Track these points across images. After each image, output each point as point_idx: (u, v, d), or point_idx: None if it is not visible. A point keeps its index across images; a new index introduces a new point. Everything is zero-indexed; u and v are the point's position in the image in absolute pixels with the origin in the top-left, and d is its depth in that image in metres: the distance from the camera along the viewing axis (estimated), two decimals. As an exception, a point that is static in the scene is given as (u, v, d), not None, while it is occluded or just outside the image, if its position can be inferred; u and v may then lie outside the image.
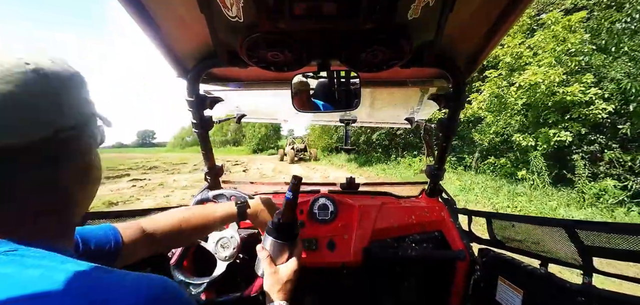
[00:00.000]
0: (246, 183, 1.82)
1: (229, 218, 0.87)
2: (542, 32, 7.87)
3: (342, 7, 0.66)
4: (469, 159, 10.12)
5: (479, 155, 9.80)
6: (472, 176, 9.02)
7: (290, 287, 0.70)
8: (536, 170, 7.33)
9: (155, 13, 0.75)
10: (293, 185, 0.76)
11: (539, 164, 7.33)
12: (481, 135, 9.59)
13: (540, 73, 7.15)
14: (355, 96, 1.14)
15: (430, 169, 1.39)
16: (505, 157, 8.77)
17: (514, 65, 8.24)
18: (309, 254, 1.21)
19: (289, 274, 0.71)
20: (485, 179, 8.41)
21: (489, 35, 0.84)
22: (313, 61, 0.91)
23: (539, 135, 7.58)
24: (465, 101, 1.05)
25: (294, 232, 0.77)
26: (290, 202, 0.75)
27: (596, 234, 0.83)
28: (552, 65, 7.18)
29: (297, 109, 1.16)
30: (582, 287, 0.84)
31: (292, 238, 0.77)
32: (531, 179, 7.31)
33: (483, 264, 1.20)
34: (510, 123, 8.52)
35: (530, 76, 7.25)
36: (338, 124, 1.67)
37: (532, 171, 7.42)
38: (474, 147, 10.09)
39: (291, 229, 0.76)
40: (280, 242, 0.74)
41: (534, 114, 7.98)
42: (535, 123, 8.00)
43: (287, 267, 0.72)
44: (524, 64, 8.03)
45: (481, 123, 9.88)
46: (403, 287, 1.45)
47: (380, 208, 1.34)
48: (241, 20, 0.71)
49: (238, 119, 1.74)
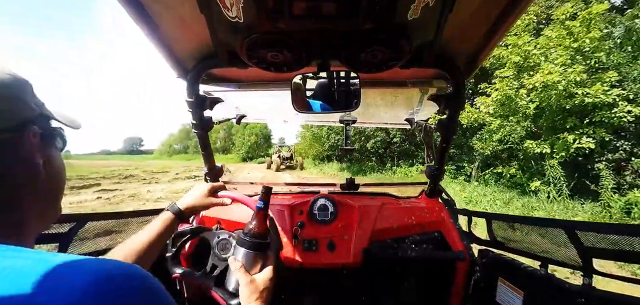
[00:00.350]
0: (246, 183, 1.82)
1: (169, 224, 0.82)
2: (553, 28, 7.12)
3: (341, 7, 0.66)
4: (469, 168, 9.63)
5: (479, 164, 9.33)
6: (476, 187, 8.50)
7: (267, 296, 0.69)
8: (552, 180, 6.62)
9: (155, 13, 0.75)
10: (263, 195, 0.76)
11: (556, 174, 6.60)
12: (482, 143, 9.01)
13: (556, 73, 6.31)
14: (355, 96, 1.14)
15: (430, 169, 1.39)
16: (512, 166, 8.09)
17: (523, 65, 7.47)
18: (309, 255, 1.21)
19: (266, 282, 0.70)
20: (493, 191, 7.81)
21: (489, 36, 0.84)
22: (313, 61, 0.91)
23: (554, 142, 6.81)
24: (465, 102, 1.05)
25: (266, 242, 0.76)
26: (261, 212, 0.75)
27: (596, 235, 0.83)
28: (569, 65, 6.43)
29: (297, 110, 1.16)
30: (582, 288, 0.84)
31: (265, 248, 0.76)
32: (546, 190, 6.61)
33: (483, 265, 1.20)
34: (516, 129, 7.80)
35: (544, 76, 6.48)
36: (335, 124, 1.67)
37: (547, 181, 6.72)
38: (474, 155, 9.62)
39: (263, 238, 0.76)
40: (253, 252, 0.73)
41: (549, 119, 7.25)
42: (549, 128, 7.29)
43: (263, 275, 0.71)
44: (533, 64, 7.30)
45: (481, 130, 9.31)
46: (403, 288, 1.44)
47: (380, 209, 1.34)
48: (241, 20, 0.71)
49: (238, 120, 1.74)
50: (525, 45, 7.27)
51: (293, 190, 1.70)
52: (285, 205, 1.31)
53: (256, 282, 0.69)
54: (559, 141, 6.67)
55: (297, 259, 1.19)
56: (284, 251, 1.19)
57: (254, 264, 0.73)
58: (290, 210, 1.30)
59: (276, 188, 1.76)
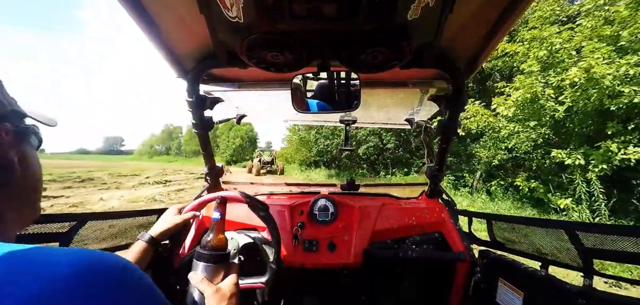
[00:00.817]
0: (246, 183, 1.82)
1: (144, 253, 0.83)
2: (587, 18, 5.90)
3: (342, 7, 0.66)
4: (469, 179, 8.76)
5: (482, 175, 8.44)
6: (486, 201, 7.48)
7: (236, 302, 0.68)
8: (586, 197, 5.48)
9: (155, 13, 0.75)
10: (219, 205, 0.75)
11: (593, 190, 5.42)
12: (486, 150, 8.08)
13: (601, 66, 5.04)
14: (355, 97, 1.14)
15: (430, 170, 1.39)
16: (529, 179, 6.92)
17: (549, 61, 6.17)
18: (310, 255, 1.21)
19: (231, 287, 0.68)
20: (507, 207, 6.80)
21: (489, 36, 0.84)
22: (313, 62, 0.91)
23: (588, 152, 5.61)
24: (465, 102, 1.05)
25: (225, 253, 0.75)
26: (218, 223, 0.75)
27: (596, 236, 0.83)
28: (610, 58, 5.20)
29: (297, 110, 1.16)
30: (583, 289, 0.84)
31: (225, 259, 0.74)
32: (577, 209, 5.59)
33: (483, 266, 1.19)
34: (531, 135, 6.71)
35: (580, 73, 5.25)
36: (335, 124, 1.67)
37: (578, 198, 5.61)
38: (474, 164, 8.73)
39: (222, 250, 0.75)
40: (213, 265, 0.71)
41: (582, 122, 6.02)
42: (579, 135, 6.18)
43: (228, 282, 0.70)
44: (562, 58, 6.02)
45: (483, 137, 8.47)
46: (403, 288, 1.44)
47: (381, 209, 1.34)
48: (241, 20, 0.71)
49: (238, 120, 1.74)
50: (552, 37, 6.07)
51: (293, 191, 1.70)
52: (286, 206, 1.31)
53: (222, 290, 0.67)
54: (598, 151, 5.42)
55: (297, 259, 1.19)
56: (284, 251, 1.19)
57: (216, 275, 0.71)
58: (290, 210, 1.30)
59: (276, 188, 1.76)
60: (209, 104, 1.12)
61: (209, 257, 0.71)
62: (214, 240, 0.74)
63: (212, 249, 0.73)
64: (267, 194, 1.61)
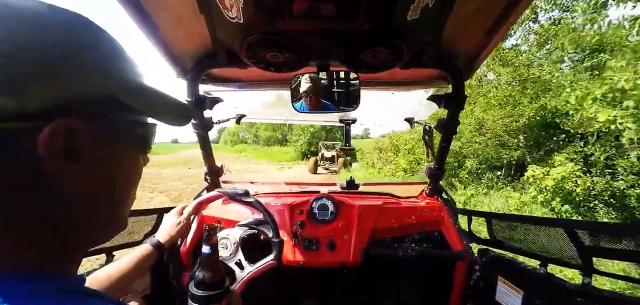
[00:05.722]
0: (246, 182, 1.82)
1: (148, 256, 0.82)
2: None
3: (341, 7, 0.66)
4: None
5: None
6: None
7: None
8: None
9: (154, 13, 0.75)
10: (207, 237, 0.68)
11: None
12: None
13: None
14: (355, 97, 1.14)
15: (430, 169, 1.39)
16: None
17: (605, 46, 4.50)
18: (309, 254, 1.21)
19: None
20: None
21: (489, 36, 0.84)
22: (312, 62, 0.91)
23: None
24: (465, 101, 1.06)
25: (224, 285, 0.71)
26: (209, 258, 0.69)
27: (596, 235, 0.83)
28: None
29: (297, 110, 1.16)
30: (582, 288, 0.84)
31: (225, 295, 0.70)
32: None
33: (483, 264, 1.20)
34: None
35: None
36: (335, 124, 1.67)
37: None
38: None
39: (220, 286, 0.69)
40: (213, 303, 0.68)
41: None
42: None
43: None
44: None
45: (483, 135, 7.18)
46: (403, 287, 1.45)
47: (380, 208, 1.34)
48: (241, 20, 0.70)
49: (238, 119, 1.74)
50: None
51: (293, 190, 1.71)
52: (286, 205, 1.32)
53: None
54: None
55: (297, 258, 1.20)
56: (284, 251, 1.20)
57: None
58: (290, 209, 1.31)
59: (276, 188, 1.76)
60: (209, 104, 1.12)
61: (206, 299, 0.67)
62: (209, 277, 0.69)
63: (208, 287, 0.68)
64: (267, 193, 1.61)
